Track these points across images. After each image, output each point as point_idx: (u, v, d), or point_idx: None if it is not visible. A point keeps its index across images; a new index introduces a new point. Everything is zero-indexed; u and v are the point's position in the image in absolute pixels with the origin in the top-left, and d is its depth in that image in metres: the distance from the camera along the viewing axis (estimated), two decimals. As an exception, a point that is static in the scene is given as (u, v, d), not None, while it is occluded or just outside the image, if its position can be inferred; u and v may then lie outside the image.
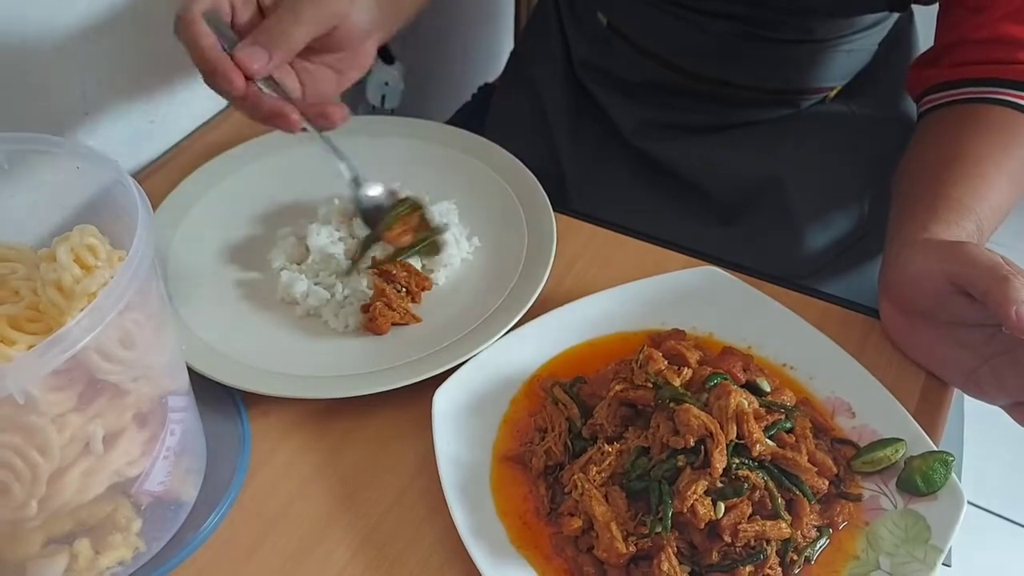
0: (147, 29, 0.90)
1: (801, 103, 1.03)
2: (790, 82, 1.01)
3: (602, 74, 1.09)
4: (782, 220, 0.98)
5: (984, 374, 0.66)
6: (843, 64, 1.00)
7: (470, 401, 0.68)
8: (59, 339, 0.45)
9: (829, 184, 0.99)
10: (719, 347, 0.72)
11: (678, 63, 1.01)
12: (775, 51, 0.97)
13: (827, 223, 0.98)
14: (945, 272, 0.66)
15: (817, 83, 1.01)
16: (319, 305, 0.76)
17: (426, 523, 0.64)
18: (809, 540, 0.59)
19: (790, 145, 1.01)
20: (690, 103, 1.04)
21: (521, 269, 0.78)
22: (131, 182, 0.54)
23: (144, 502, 0.59)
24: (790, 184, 0.98)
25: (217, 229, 0.85)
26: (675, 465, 0.59)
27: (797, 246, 0.97)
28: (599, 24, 1.07)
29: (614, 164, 1.06)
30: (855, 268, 0.97)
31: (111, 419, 0.54)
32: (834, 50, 0.98)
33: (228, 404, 0.70)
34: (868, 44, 1.01)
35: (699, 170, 1.02)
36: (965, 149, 0.77)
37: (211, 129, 1.00)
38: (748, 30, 0.96)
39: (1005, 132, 0.78)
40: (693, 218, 1.01)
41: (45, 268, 0.52)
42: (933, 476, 0.60)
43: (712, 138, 1.03)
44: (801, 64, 0.99)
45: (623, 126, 1.06)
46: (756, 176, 1.00)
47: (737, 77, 1.01)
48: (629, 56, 1.04)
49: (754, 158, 1.01)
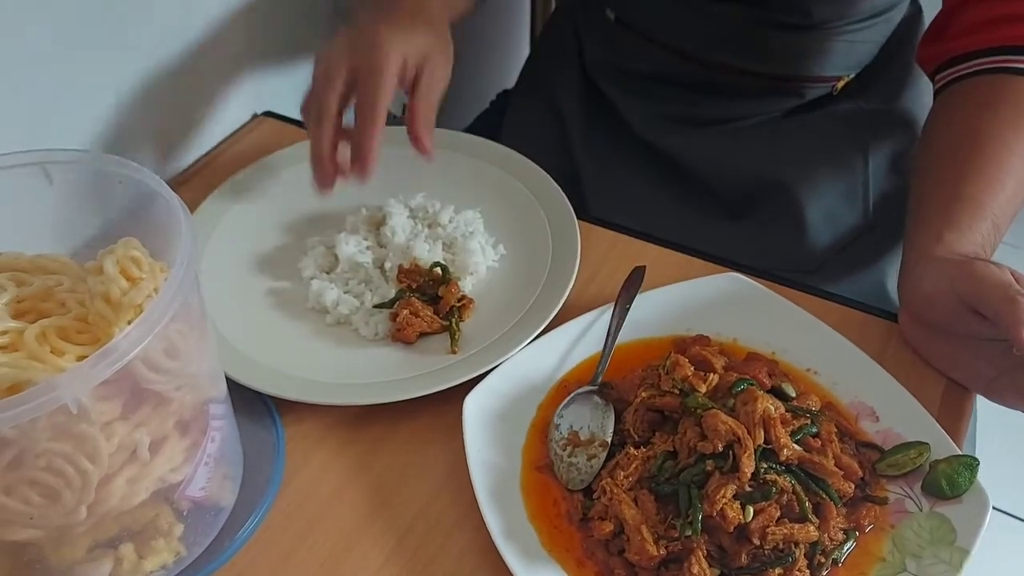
0: (178, 42, 0.92)
1: (806, 93, 1.04)
2: (793, 68, 1.02)
3: (612, 69, 1.10)
4: (788, 216, 0.99)
5: (1004, 383, 0.68)
6: (847, 54, 1.01)
7: (499, 407, 0.70)
8: (110, 351, 0.47)
9: (835, 179, 1.00)
10: (743, 353, 0.73)
11: (683, 50, 1.03)
12: (778, 37, 0.98)
13: (833, 218, 0.99)
14: (957, 293, 0.67)
15: (821, 71, 1.02)
16: (349, 313, 0.78)
17: (458, 527, 0.65)
18: (836, 543, 0.60)
19: (796, 140, 1.02)
20: (697, 95, 1.05)
21: (546, 276, 0.79)
22: (174, 196, 0.55)
23: (185, 507, 0.60)
24: (796, 180, 0.99)
25: (247, 239, 0.86)
26: (704, 469, 0.60)
27: (803, 241, 0.98)
28: (607, 20, 1.08)
29: (626, 163, 1.08)
30: (861, 262, 0.98)
31: (155, 427, 0.55)
32: (837, 39, 0.98)
33: (262, 411, 0.72)
34: (874, 36, 1.01)
35: (706, 165, 1.03)
36: (977, 132, 0.77)
37: (240, 140, 1.02)
38: (748, 13, 0.97)
39: (1015, 105, 0.78)
40: (701, 214, 1.03)
41: (93, 281, 0.53)
42: (958, 479, 0.61)
43: (719, 131, 1.05)
44: (803, 51, 0.99)
45: (632, 120, 1.07)
46: (762, 172, 1.01)
47: (741, 62, 1.02)
48: (636, 47, 1.06)
49: (761, 154, 1.02)
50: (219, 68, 0.98)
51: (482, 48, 1.47)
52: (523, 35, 1.62)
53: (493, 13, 1.53)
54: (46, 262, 0.59)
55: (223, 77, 1.00)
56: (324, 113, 0.77)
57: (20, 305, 0.55)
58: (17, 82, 0.77)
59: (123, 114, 0.88)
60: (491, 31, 1.54)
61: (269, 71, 1.07)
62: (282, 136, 1.00)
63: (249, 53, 1.02)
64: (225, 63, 0.99)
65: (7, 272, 0.57)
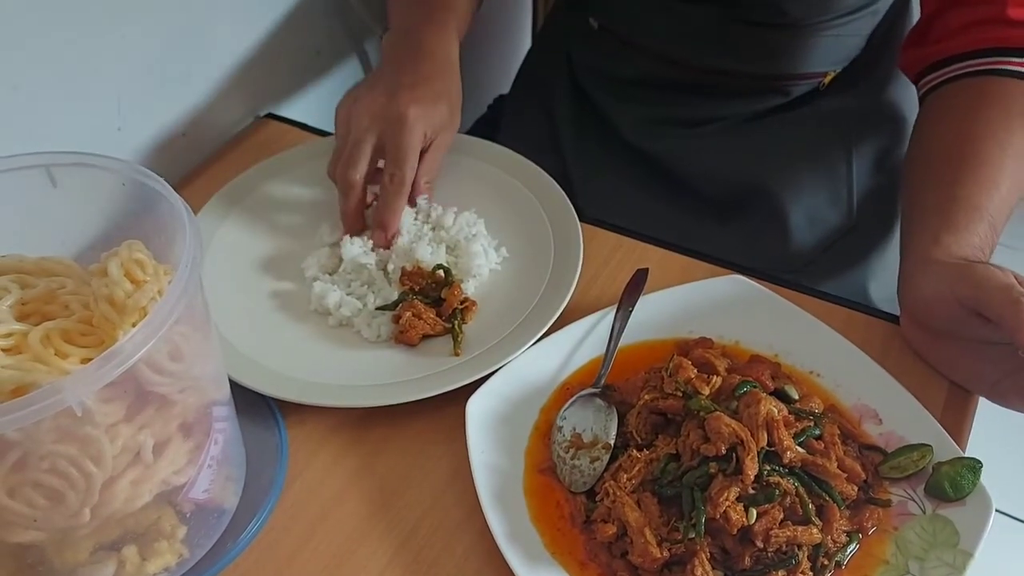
0: (181, 44, 0.92)
1: (793, 90, 1.03)
2: (777, 67, 1.01)
3: (599, 75, 1.11)
4: (773, 217, 0.99)
5: (1007, 386, 0.67)
6: (831, 49, 1.00)
7: (502, 409, 0.70)
8: (114, 353, 0.47)
9: (819, 181, 1.00)
10: (746, 355, 0.73)
11: (667, 54, 1.03)
12: (758, 36, 0.98)
13: (817, 219, 0.99)
14: (958, 296, 0.67)
15: (805, 68, 1.01)
16: (352, 315, 0.78)
17: (461, 528, 0.65)
18: (840, 545, 0.60)
19: (781, 141, 1.02)
20: (683, 96, 1.05)
21: (549, 279, 0.79)
22: (177, 198, 0.55)
23: (188, 510, 0.60)
24: (780, 182, 0.99)
25: (250, 240, 0.86)
26: (707, 472, 0.60)
27: (788, 243, 0.98)
28: (591, 27, 1.09)
29: (615, 166, 1.08)
30: (845, 262, 0.98)
31: (158, 429, 0.55)
32: (819, 35, 0.98)
33: (265, 413, 0.72)
34: (858, 29, 1.01)
35: (693, 168, 1.03)
36: (969, 134, 0.78)
37: (242, 141, 1.02)
38: (724, 13, 0.97)
39: (1005, 106, 0.78)
40: (688, 217, 1.03)
41: (97, 283, 0.53)
42: (961, 482, 0.61)
43: (706, 132, 1.05)
44: (785, 49, 0.99)
45: (621, 124, 1.07)
46: (747, 174, 1.01)
47: (724, 63, 1.01)
48: (620, 53, 1.06)
49: (746, 155, 1.02)
50: (221, 70, 0.99)
51: (482, 52, 1.47)
52: (523, 39, 1.62)
53: (494, 17, 1.53)
54: (50, 264, 0.59)
55: (225, 79, 1.00)
56: (352, 187, 0.82)
57: (24, 307, 0.55)
58: (20, 84, 0.78)
59: (125, 116, 0.88)
60: (492, 35, 1.54)
61: (271, 73, 1.07)
62: (284, 138, 1.01)
63: (251, 55, 1.02)
64: (227, 65, 0.99)
65: (11, 274, 0.57)
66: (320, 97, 1.17)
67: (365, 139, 0.82)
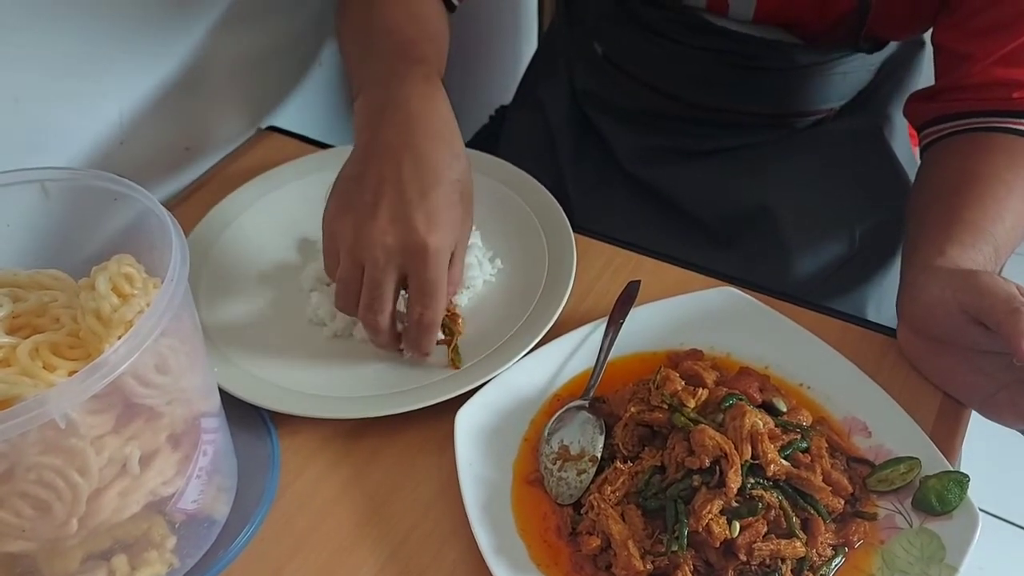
0: (182, 57, 0.93)
1: (798, 124, 1.04)
2: (784, 107, 1.02)
3: (599, 100, 1.11)
4: (773, 247, 0.98)
5: (1002, 399, 0.67)
6: (839, 86, 1.00)
7: (491, 421, 0.70)
8: (98, 366, 0.48)
9: (821, 211, 0.99)
10: (736, 367, 0.73)
11: (672, 91, 1.03)
12: (766, 78, 0.98)
13: (818, 250, 0.98)
14: (959, 302, 0.66)
15: (813, 106, 1.01)
16: (346, 326, 0.79)
17: (450, 540, 0.66)
18: (825, 559, 0.60)
19: (783, 171, 1.01)
20: (685, 127, 1.05)
21: (542, 290, 0.80)
22: (165, 214, 0.56)
23: (178, 520, 0.61)
24: (782, 212, 0.98)
25: (248, 252, 0.87)
26: (691, 484, 0.60)
27: (787, 272, 0.97)
28: (595, 53, 1.09)
29: (613, 190, 1.08)
30: (843, 289, 0.97)
31: (146, 440, 0.56)
32: (828, 74, 0.98)
33: (258, 424, 0.73)
34: (867, 64, 1.01)
35: (693, 196, 1.03)
36: (975, 172, 0.78)
37: (243, 154, 1.03)
38: (734, 60, 0.97)
39: (1011, 154, 0.79)
40: (686, 244, 1.01)
41: (85, 297, 0.54)
42: (948, 496, 0.61)
43: (706, 163, 1.04)
44: (794, 89, 0.99)
45: (620, 153, 1.07)
46: (748, 203, 1.00)
47: (732, 103, 1.02)
48: (625, 85, 1.06)
49: (747, 183, 1.01)
50: (222, 83, 1.00)
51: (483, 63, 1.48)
52: (528, 47, 1.63)
53: (498, 25, 1.54)
54: (43, 278, 0.60)
55: (226, 92, 1.01)
56: (380, 331, 0.72)
57: (16, 320, 0.56)
58: (21, 97, 0.79)
59: (127, 130, 0.90)
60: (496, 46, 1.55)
61: (273, 86, 1.08)
62: (285, 150, 1.02)
63: (252, 68, 1.03)
64: (228, 78, 1.01)
65: (4, 288, 0.58)
66: (322, 109, 1.18)
67: (385, 280, 0.70)
